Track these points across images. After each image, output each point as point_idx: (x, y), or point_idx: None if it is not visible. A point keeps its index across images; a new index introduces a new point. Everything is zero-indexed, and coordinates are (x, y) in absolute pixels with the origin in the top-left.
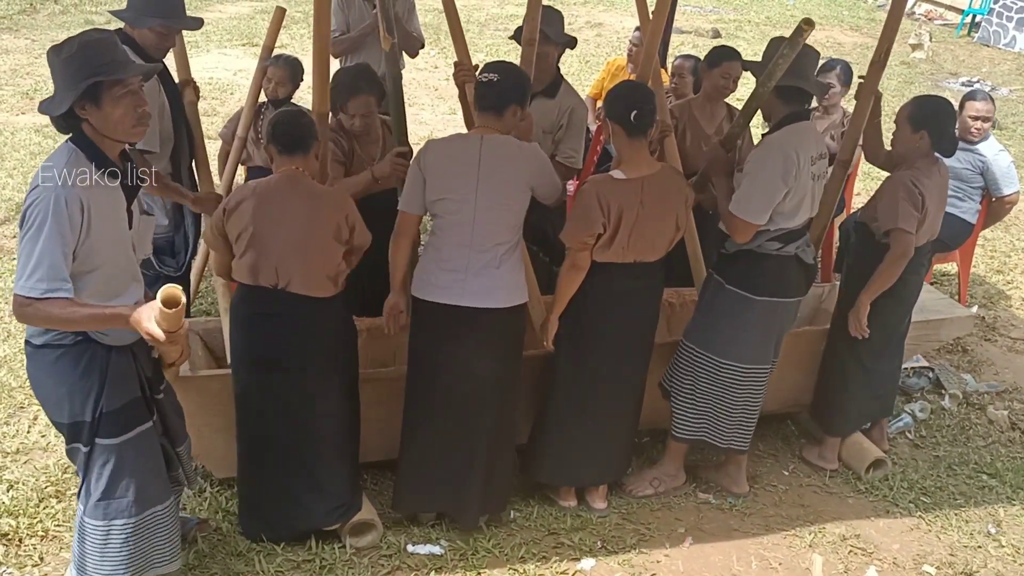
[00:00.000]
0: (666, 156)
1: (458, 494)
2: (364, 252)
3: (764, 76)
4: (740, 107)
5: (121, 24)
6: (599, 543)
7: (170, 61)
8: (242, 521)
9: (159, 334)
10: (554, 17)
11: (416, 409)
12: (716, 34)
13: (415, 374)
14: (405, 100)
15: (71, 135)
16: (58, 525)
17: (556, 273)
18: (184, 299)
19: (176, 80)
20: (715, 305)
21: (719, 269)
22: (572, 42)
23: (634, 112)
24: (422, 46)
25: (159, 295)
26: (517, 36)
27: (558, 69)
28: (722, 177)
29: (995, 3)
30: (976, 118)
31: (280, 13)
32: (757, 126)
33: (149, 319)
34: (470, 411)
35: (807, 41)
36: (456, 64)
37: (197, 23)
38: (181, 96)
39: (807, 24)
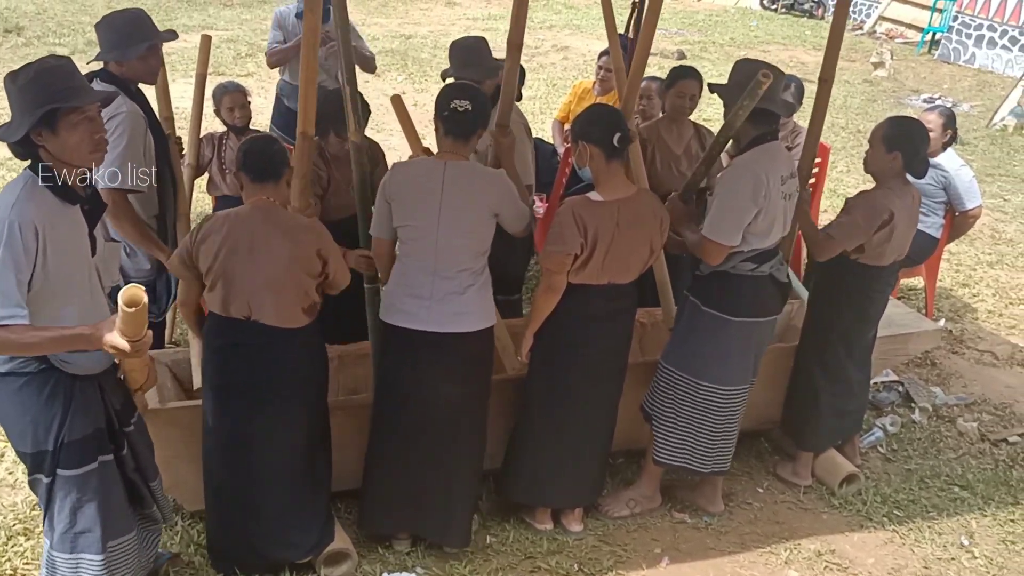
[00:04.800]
0: (631, 162)
1: (435, 516)
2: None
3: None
4: (705, 126)
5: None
6: (576, 566)
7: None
8: (212, 555)
9: (124, 345)
10: (479, 56)
11: (383, 432)
12: (681, 56)
13: (382, 397)
14: (374, 126)
15: (29, 162)
16: (27, 563)
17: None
18: (146, 299)
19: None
20: (693, 327)
21: (695, 291)
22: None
23: (617, 135)
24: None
25: (120, 296)
26: (444, 75)
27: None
28: (684, 226)
29: (954, 21)
30: None
31: (207, 40)
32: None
33: (112, 332)
34: (438, 435)
35: (771, 60)
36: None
37: (172, 35)
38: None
39: (764, 76)
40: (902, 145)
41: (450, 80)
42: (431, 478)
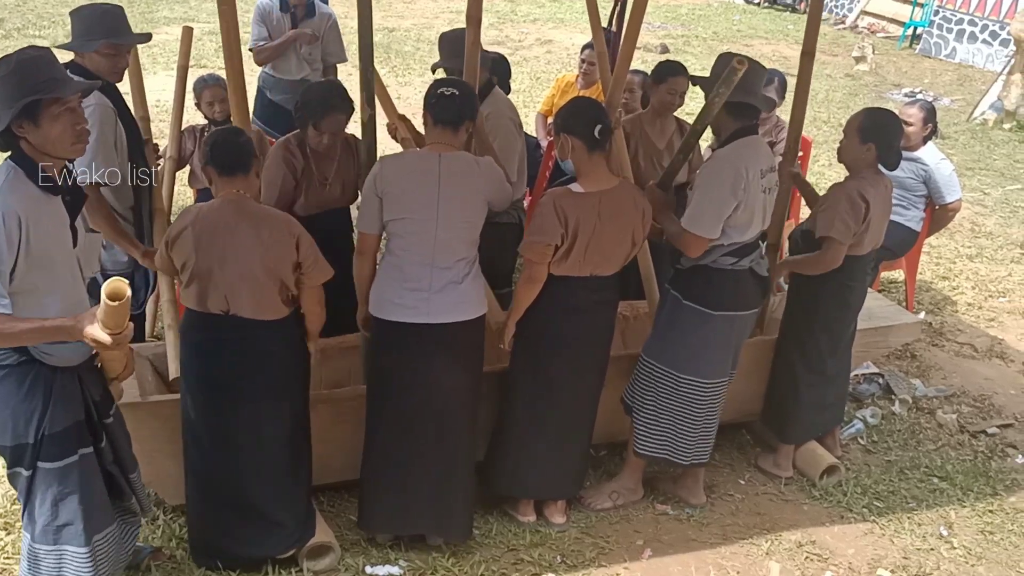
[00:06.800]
0: (614, 150)
1: (441, 510)
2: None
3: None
4: (689, 120)
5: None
6: (559, 558)
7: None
8: (193, 549)
9: (105, 338)
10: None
11: (383, 430)
12: (664, 49)
13: (381, 395)
14: (356, 118)
15: (11, 153)
16: (7, 558)
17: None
18: (129, 292)
19: (132, 110)
20: (673, 321)
21: (676, 284)
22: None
23: (598, 127)
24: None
25: (103, 289)
26: (434, 67)
27: (489, 80)
28: (663, 214)
29: (935, 15)
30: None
31: (188, 32)
32: (706, 139)
33: (93, 324)
34: (438, 427)
35: (754, 54)
36: (388, 125)
37: (144, 38)
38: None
39: (739, 63)
40: (876, 136)
41: (440, 71)
42: (433, 472)
